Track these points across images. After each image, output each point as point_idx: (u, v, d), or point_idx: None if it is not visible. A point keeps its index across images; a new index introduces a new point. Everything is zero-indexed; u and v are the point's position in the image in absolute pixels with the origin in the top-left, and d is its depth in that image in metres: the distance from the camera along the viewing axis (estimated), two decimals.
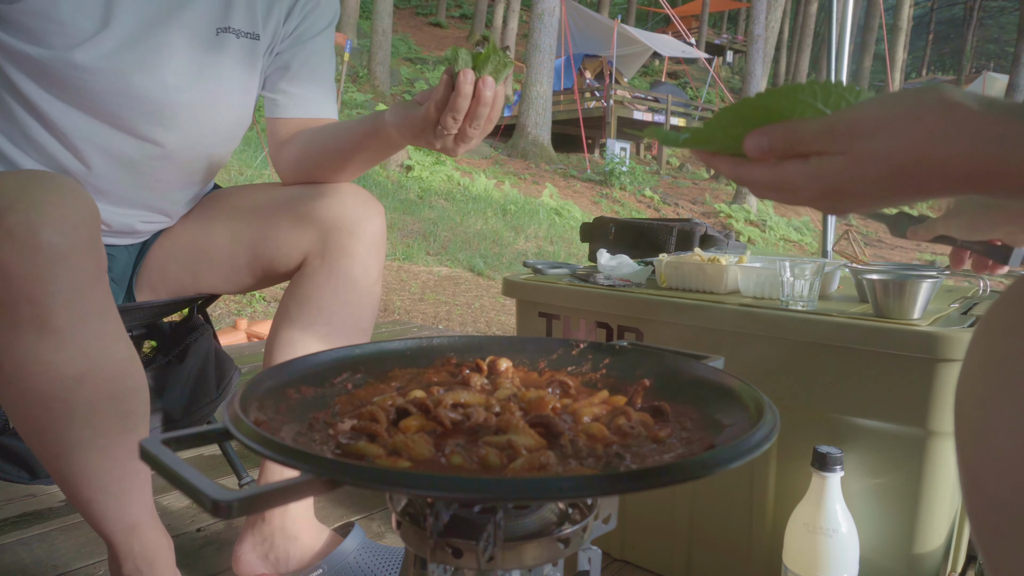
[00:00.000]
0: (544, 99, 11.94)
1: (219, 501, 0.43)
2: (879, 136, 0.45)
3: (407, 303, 4.71)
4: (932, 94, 0.45)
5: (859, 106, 0.48)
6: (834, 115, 0.49)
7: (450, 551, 0.59)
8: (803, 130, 0.49)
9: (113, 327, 0.89)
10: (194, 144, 1.13)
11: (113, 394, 0.89)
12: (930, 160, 0.44)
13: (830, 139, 0.48)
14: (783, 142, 0.50)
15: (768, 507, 1.10)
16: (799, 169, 0.50)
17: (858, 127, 0.46)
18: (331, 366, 0.75)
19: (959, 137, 0.42)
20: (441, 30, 22.63)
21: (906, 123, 0.44)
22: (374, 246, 1.12)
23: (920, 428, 0.97)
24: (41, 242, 0.78)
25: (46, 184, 0.83)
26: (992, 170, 0.42)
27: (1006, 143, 0.41)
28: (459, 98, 0.84)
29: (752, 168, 0.52)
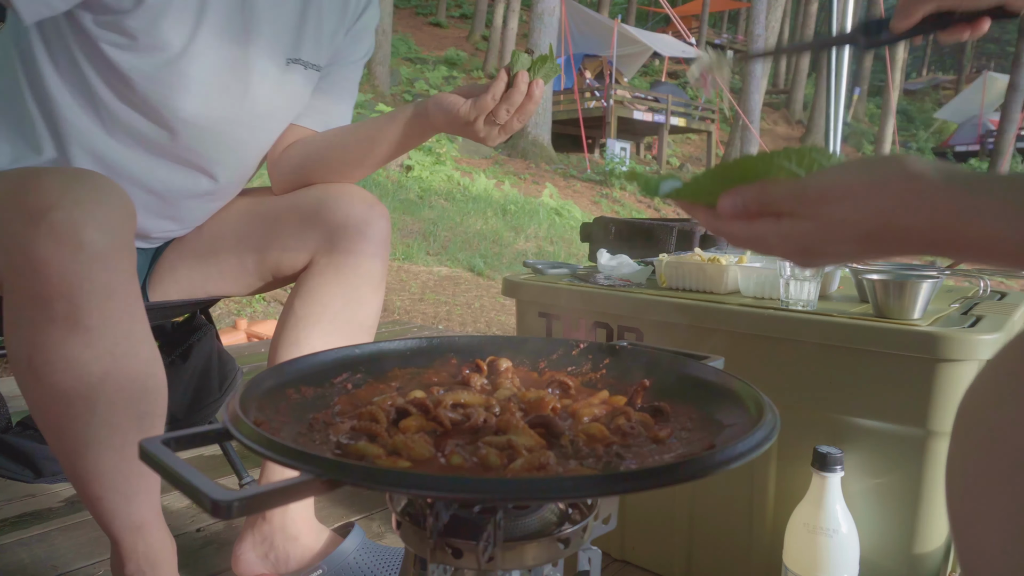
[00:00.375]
0: (544, 99, 11.94)
1: (219, 501, 0.43)
2: (846, 204, 0.48)
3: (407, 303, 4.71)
4: (896, 165, 0.47)
5: (828, 172, 0.50)
6: (805, 180, 0.51)
7: (450, 551, 0.59)
8: (774, 193, 0.52)
9: (140, 327, 0.90)
10: (241, 178, 1.18)
11: (133, 394, 0.90)
12: (893, 227, 0.46)
13: (800, 204, 0.51)
14: (756, 203, 0.53)
15: (768, 507, 1.10)
16: (772, 229, 0.52)
17: (827, 194, 0.49)
18: (331, 366, 0.75)
19: (920, 208, 0.45)
20: (441, 30, 22.62)
21: (872, 192, 0.47)
22: (380, 245, 1.13)
23: (920, 428, 0.97)
24: (83, 241, 0.80)
25: (89, 183, 0.84)
26: (950, 240, 0.44)
27: (963, 216, 0.43)
28: (516, 94, 0.98)
29: (728, 223, 0.55)
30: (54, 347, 0.84)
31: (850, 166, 0.50)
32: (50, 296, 0.81)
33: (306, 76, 1.16)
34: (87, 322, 0.83)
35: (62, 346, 0.83)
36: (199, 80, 1.03)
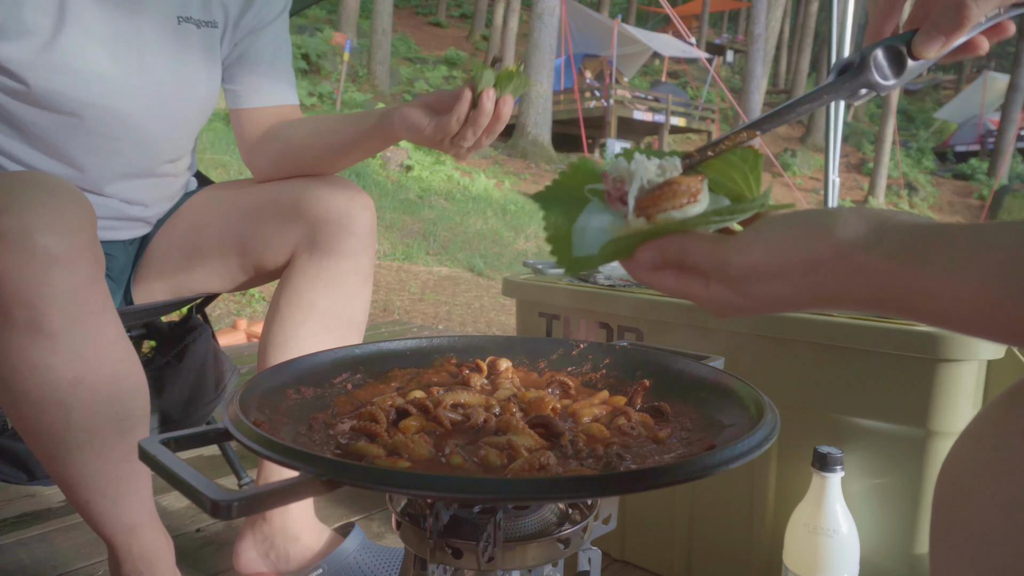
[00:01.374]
0: (544, 99, 11.95)
1: (218, 502, 0.43)
2: (775, 283, 0.45)
3: (407, 303, 4.71)
4: (826, 236, 0.43)
5: (752, 246, 0.46)
6: (728, 251, 0.47)
7: (450, 551, 0.59)
8: (695, 254, 0.49)
9: (110, 329, 0.88)
10: (164, 156, 1.16)
11: (110, 396, 0.88)
12: (828, 301, 0.45)
13: (725, 278, 0.48)
14: (675, 257, 0.50)
15: (768, 507, 1.10)
16: (701, 293, 0.50)
17: (753, 273, 0.46)
18: (331, 366, 0.75)
19: (855, 285, 0.42)
20: (441, 30, 22.62)
21: (802, 273, 0.44)
22: (364, 239, 1.10)
23: (920, 428, 0.97)
24: (36, 245, 0.78)
25: (41, 186, 0.82)
26: (887, 309, 0.42)
27: (897, 291, 0.40)
28: (481, 116, 0.91)
29: (650, 274, 0.52)
30: (18, 354, 0.81)
31: (773, 238, 0.46)
32: (7, 303, 0.79)
33: (202, 35, 1.13)
34: (49, 327, 0.81)
35: (26, 352, 0.81)
36: (84, 57, 0.99)
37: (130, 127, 1.08)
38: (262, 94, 1.20)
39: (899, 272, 0.40)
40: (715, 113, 15.68)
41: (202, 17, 1.13)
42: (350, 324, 1.11)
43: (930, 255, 0.39)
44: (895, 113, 14.22)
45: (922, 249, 0.39)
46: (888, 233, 0.41)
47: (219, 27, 1.16)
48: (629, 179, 0.52)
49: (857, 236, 0.42)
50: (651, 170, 0.52)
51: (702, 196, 0.51)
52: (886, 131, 14.32)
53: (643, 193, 0.51)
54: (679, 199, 0.50)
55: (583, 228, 0.55)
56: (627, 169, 0.52)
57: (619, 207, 0.53)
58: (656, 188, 0.51)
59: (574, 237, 0.55)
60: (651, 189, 0.51)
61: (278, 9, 1.21)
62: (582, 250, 0.54)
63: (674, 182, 0.50)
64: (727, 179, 0.53)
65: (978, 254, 0.38)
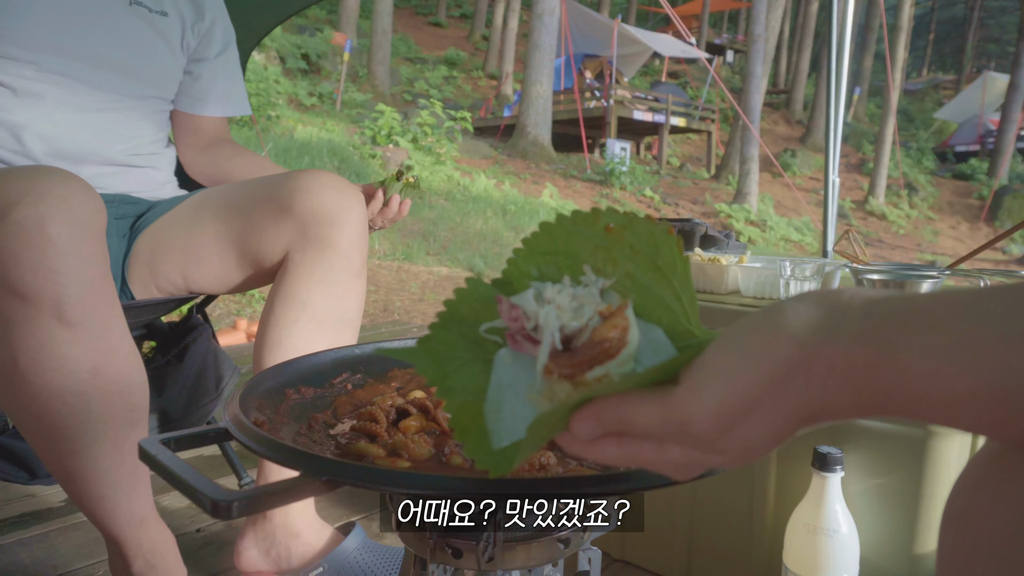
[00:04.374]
0: (544, 99, 11.94)
1: (219, 502, 0.43)
2: (750, 422, 0.37)
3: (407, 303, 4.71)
4: (785, 342, 0.36)
5: (708, 390, 0.37)
6: (679, 407, 0.38)
7: (450, 551, 0.59)
8: (642, 420, 0.39)
9: (119, 322, 0.90)
10: (130, 92, 1.24)
11: (122, 388, 0.90)
12: (818, 416, 0.37)
13: (687, 439, 0.38)
14: (617, 427, 0.40)
15: (768, 507, 1.10)
16: (655, 458, 0.40)
17: (722, 422, 0.37)
18: (331, 366, 0.75)
19: (839, 389, 0.35)
20: (441, 30, 22.62)
21: (776, 394, 0.36)
22: (355, 235, 1.11)
23: (920, 428, 0.97)
24: (51, 235, 0.80)
25: (54, 179, 0.84)
26: (885, 412, 0.35)
27: (875, 386, 0.34)
28: (389, 212, 1.25)
29: (595, 447, 0.41)
30: (40, 345, 0.83)
31: (726, 367, 0.37)
32: (27, 294, 0.80)
33: (150, 20, 1.23)
34: (69, 317, 0.83)
35: (49, 344, 0.83)
36: (27, 24, 1.08)
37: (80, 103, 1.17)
38: (203, 107, 1.36)
39: (871, 367, 0.34)
40: (715, 113, 15.68)
41: (151, 5, 1.24)
42: (343, 322, 1.12)
43: (901, 343, 0.33)
44: (895, 113, 14.22)
45: (888, 335, 0.33)
46: (845, 316, 0.35)
47: (170, 18, 1.27)
48: (533, 317, 0.42)
49: (815, 325, 0.36)
50: (566, 309, 0.42)
51: (631, 332, 0.41)
52: (886, 131, 14.31)
53: (558, 352, 0.41)
54: (609, 353, 0.40)
55: (497, 405, 0.43)
56: (534, 310, 0.42)
57: (528, 348, 0.42)
58: (582, 349, 0.41)
59: (488, 421, 0.43)
60: (574, 344, 0.41)
61: (218, 49, 1.36)
62: (503, 437, 0.42)
63: (604, 340, 0.40)
64: (654, 301, 0.44)
65: (967, 343, 0.31)
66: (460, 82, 17.52)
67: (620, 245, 0.43)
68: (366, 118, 10.42)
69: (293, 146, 7.98)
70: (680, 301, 0.43)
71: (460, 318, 0.46)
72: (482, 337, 0.45)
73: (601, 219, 0.43)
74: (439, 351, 0.45)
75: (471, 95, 16.82)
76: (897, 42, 15.29)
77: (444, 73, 17.40)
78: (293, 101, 11.46)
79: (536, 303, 0.42)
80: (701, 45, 19.49)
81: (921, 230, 14.14)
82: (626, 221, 0.43)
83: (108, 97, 1.19)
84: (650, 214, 0.43)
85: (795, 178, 14.57)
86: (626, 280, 0.44)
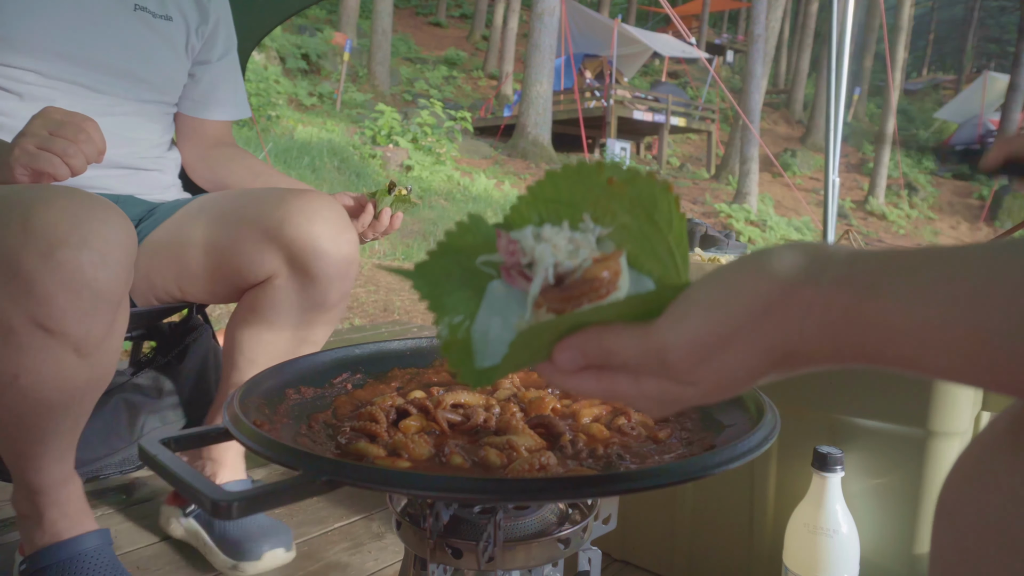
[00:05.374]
0: (544, 99, 11.94)
1: (218, 501, 0.43)
2: (726, 354, 0.38)
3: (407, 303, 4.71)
4: (767, 280, 0.37)
5: (687, 320, 0.38)
6: (658, 336, 0.39)
7: (450, 551, 0.59)
8: (622, 351, 0.40)
9: (120, 340, 0.96)
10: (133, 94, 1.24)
11: (100, 389, 0.97)
12: (785, 360, 0.37)
13: (663, 370, 0.39)
14: (598, 358, 0.41)
15: (768, 507, 1.10)
16: (630, 391, 0.41)
17: (697, 351, 0.38)
18: (331, 366, 0.75)
19: (816, 330, 0.35)
20: (441, 30, 22.62)
21: (752, 328, 0.37)
22: (341, 266, 1.10)
23: (920, 428, 0.97)
24: (88, 280, 0.84)
25: (96, 217, 0.86)
26: (847, 357, 0.36)
27: (851, 329, 0.34)
28: (380, 225, 1.24)
29: (571, 378, 0.43)
30: (50, 371, 0.88)
31: (707, 299, 0.38)
32: (52, 329, 0.85)
33: (154, 26, 1.23)
34: (86, 350, 0.88)
35: (57, 369, 0.88)
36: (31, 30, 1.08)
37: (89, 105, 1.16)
38: (206, 110, 1.36)
39: (850, 307, 0.34)
40: (715, 113, 15.68)
41: (156, 10, 1.24)
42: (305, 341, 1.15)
43: (882, 284, 0.33)
44: (895, 113, 14.22)
45: (871, 277, 0.34)
46: (829, 262, 0.36)
47: (174, 22, 1.27)
48: (529, 253, 0.44)
49: (797, 268, 0.36)
50: (561, 249, 0.43)
51: (622, 279, 0.43)
52: (886, 131, 14.31)
53: (550, 287, 0.43)
54: (598, 292, 0.42)
55: (484, 329, 0.45)
56: (531, 246, 0.44)
57: (521, 283, 0.44)
58: (572, 285, 0.42)
59: (475, 342, 0.45)
60: (566, 282, 0.43)
61: (221, 52, 1.36)
62: (486, 358, 0.44)
63: (595, 279, 0.42)
64: (648, 253, 0.45)
65: (945, 283, 0.32)
66: (460, 82, 17.52)
67: (620, 198, 0.44)
68: (366, 118, 10.42)
69: (293, 146, 7.97)
70: (673, 256, 0.44)
71: (458, 249, 0.47)
72: (477, 268, 0.46)
73: (605, 172, 0.44)
74: (435, 274, 0.47)
75: (471, 95, 16.82)
76: (897, 42, 15.30)
77: (444, 73, 17.41)
78: (293, 101, 11.46)
79: (534, 240, 0.44)
80: (701, 45, 19.49)
81: (921, 230, 14.14)
82: (629, 176, 0.44)
83: (113, 102, 1.19)
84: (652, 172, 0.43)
85: (795, 178, 14.57)
86: (622, 230, 0.45)
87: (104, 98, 1.18)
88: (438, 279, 0.47)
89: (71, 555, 0.99)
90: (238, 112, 1.41)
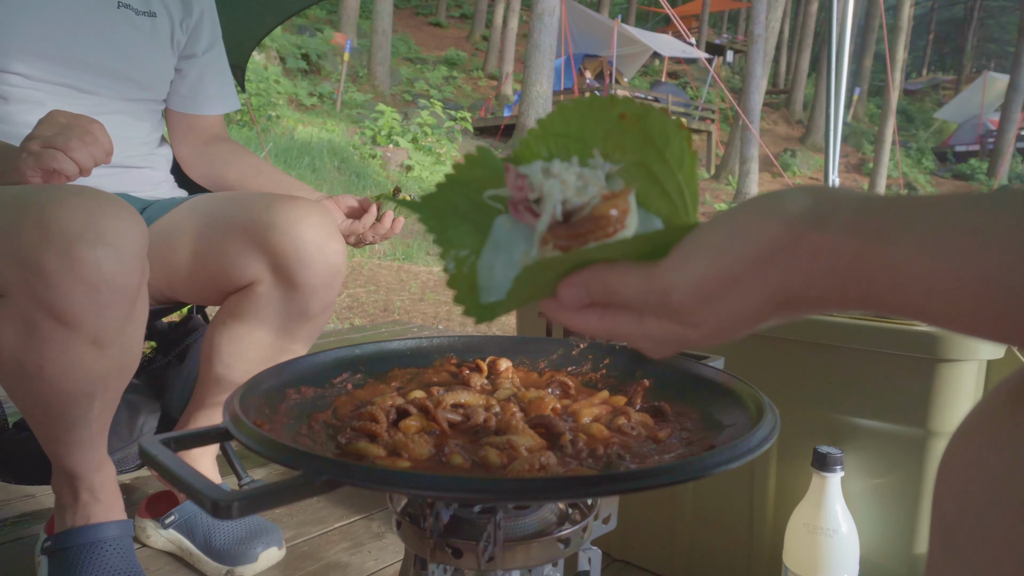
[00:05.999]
0: (544, 99, 11.94)
1: (218, 501, 0.43)
2: (730, 296, 0.37)
3: (407, 303, 4.71)
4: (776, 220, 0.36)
5: (693, 261, 0.38)
6: (663, 276, 0.39)
7: (450, 551, 0.59)
8: (626, 289, 0.40)
9: (140, 334, 0.98)
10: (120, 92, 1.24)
11: (123, 381, 0.99)
12: (790, 303, 0.37)
13: (666, 310, 0.39)
14: (603, 296, 0.42)
15: (768, 507, 1.10)
16: (633, 331, 0.41)
17: (702, 292, 0.38)
18: (331, 366, 0.75)
19: (823, 274, 0.35)
20: (441, 30, 22.62)
21: (758, 269, 0.36)
22: (326, 275, 1.10)
23: (920, 428, 0.97)
24: (104, 274, 0.85)
25: (109, 212, 0.88)
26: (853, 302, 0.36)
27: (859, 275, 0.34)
28: (381, 227, 1.25)
29: (575, 315, 0.43)
30: (71, 361, 0.90)
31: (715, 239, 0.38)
32: (74, 323, 0.86)
33: (138, 24, 1.22)
34: (104, 341, 0.90)
35: (79, 360, 0.90)
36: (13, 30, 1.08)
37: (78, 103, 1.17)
38: (197, 105, 1.36)
39: (858, 253, 0.34)
40: (715, 113, 15.68)
41: (139, 7, 1.23)
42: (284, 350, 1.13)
43: (892, 230, 0.33)
44: (895, 113, 14.22)
45: (881, 224, 0.33)
46: (839, 207, 0.35)
47: (158, 18, 1.26)
48: (538, 188, 0.43)
49: (806, 211, 0.36)
50: (570, 185, 0.43)
51: (630, 217, 0.42)
52: (886, 131, 14.31)
53: (557, 223, 0.42)
54: (606, 231, 0.41)
55: (490, 264, 0.45)
56: (539, 181, 0.43)
57: (528, 219, 0.43)
58: (580, 223, 0.42)
59: (480, 277, 0.45)
60: (573, 219, 0.42)
61: (206, 45, 1.35)
62: (491, 294, 0.44)
63: (603, 217, 0.41)
64: (657, 191, 0.44)
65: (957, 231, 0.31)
66: (460, 82, 17.52)
67: (632, 134, 0.44)
68: (366, 118, 10.42)
69: (293, 146, 7.97)
70: (682, 195, 0.44)
71: (466, 182, 0.47)
72: (484, 202, 0.45)
73: (617, 106, 0.44)
74: (442, 207, 0.46)
75: (471, 95, 16.82)
76: (897, 42, 15.29)
77: (444, 73, 17.41)
78: (293, 101, 11.45)
79: (543, 176, 0.43)
80: (701, 45, 19.50)
81: None
82: (641, 111, 0.43)
83: (100, 101, 1.19)
84: None
85: (795, 178, 14.57)
86: (632, 168, 0.44)
87: (91, 98, 1.18)
88: (444, 212, 0.46)
89: (90, 540, 1.02)
90: (228, 105, 1.41)
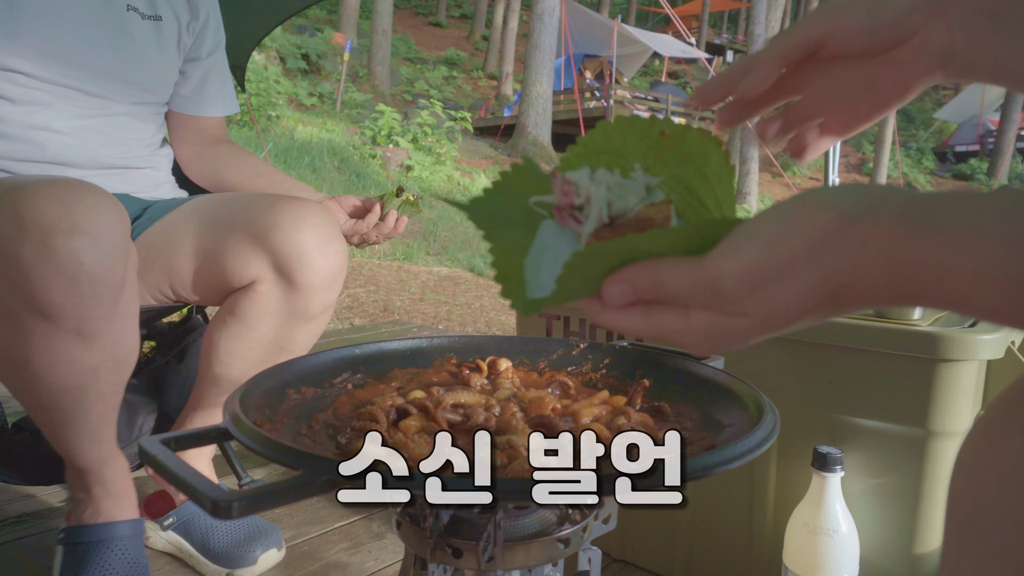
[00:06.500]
0: (544, 99, 11.94)
1: (218, 501, 0.43)
2: (782, 283, 0.38)
3: (407, 303, 4.71)
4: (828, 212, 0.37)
5: (744, 249, 0.39)
6: (711, 265, 0.39)
7: (450, 551, 0.59)
8: (673, 282, 0.40)
9: (133, 323, 0.97)
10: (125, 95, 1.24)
11: (119, 373, 0.98)
12: (839, 295, 0.37)
13: (715, 301, 0.39)
14: (649, 291, 0.41)
15: (768, 507, 1.10)
16: (680, 326, 0.41)
17: (752, 279, 0.38)
18: (331, 366, 0.75)
19: (871, 263, 0.36)
20: (441, 30, 22.63)
21: (810, 257, 0.37)
22: (326, 282, 1.10)
23: (920, 428, 0.97)
24: (83, 264, 0.84)
25: (86, 201, 0.87)
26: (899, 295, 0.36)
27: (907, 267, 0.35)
28: (385, 227, 1.25)
29: (619, 315, 0.43)
30: (56, 353, 0.89)
31: (765, 229, 0.39)
32: (56, 315, 0.86)
33: (145, 28, 1.22)
34: (88, 332, 0.89)
35: (64, 352, 0.89)
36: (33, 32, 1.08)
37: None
38: (199, 107, 1.36)
39: (908, 243, 0.35)
40: (715, 113, 15.68)
41: (146, 11, 1.23)
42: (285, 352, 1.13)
43: (942, 222, 0.34)
44: (895, 113, 14.22)
45: (931, 216, 0.34)
46: (889, 200, 0.36)
47: (165, 21, 1.26)
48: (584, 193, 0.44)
49: (856, 203, 0.37)
50: (615, 192, 0.44)
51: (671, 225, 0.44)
52: (886, 131, 14.32)
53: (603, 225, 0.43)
54: None
55: (537, 262, 0.46)
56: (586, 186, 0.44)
57: (572, 224, 0.45)
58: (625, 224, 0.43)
59: (527, 273, 0.46)
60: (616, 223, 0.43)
61: (210, 48, 1.35)
62: (538, 289, 0.45)
63: (647, 219, 0.43)
64: (696, 204, 0.46)
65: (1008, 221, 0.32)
66: (460, 82, 17.52)
67: (672, 151, 0.45)
68: (366, 118, 10.42)
69: (293, 146, 7.97)
70: (721, 209, 0.45)
71: (511, 190, 0.48)
72: (530, 208, 0.47)
73: (657, 125, 0.45)
74: (488, 211, 0.48)
75: (471, 95, 16.82)
76: None
77: (444, 73, 17.41)
78: (293, 101, 11.45)
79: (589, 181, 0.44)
80: (701, 45, 19.49)
81: None
82: (681, 131, 0.44)
83: (105, 103, 1.19)
84: None
85: (795, 178, 14.57)
86: (672, 181, 0.45)
87: (97, 100, 1.18)
88: (492, 215, 0.48)
89: (102, 538, 1.02)
90: (229, 107, 1.41)
